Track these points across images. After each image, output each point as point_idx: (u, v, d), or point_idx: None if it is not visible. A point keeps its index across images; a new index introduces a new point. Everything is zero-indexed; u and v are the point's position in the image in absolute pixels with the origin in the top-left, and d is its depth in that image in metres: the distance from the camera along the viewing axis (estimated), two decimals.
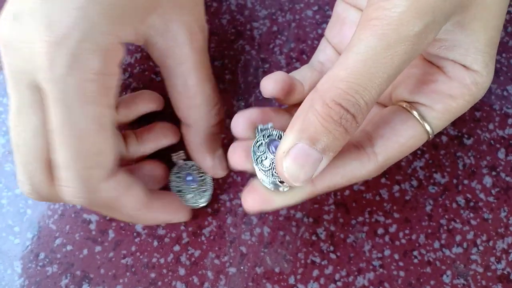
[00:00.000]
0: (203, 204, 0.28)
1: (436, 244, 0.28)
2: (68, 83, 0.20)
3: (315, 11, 0.32)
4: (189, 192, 0.28)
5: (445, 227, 0.28)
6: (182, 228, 0.28)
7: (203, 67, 0.26)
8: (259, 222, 0.28)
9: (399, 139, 0.22)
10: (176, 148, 0.28)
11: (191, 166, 0.29)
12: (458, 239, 0.28)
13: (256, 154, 0.22)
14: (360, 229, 0.28)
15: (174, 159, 0.29)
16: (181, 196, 0.28)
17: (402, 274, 0.27)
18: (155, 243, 0.28)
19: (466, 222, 0.28)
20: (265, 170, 0.22)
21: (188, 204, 0.28)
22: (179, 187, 0.28)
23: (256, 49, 0.32)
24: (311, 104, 0.19)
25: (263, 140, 0.23)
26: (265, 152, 0.22)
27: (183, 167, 0.29)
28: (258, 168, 0.22)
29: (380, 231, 0.28)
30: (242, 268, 0.28)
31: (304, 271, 0.28)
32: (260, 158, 0.22)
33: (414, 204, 0.29)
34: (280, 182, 0.22)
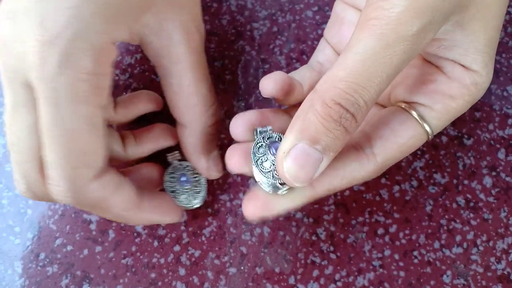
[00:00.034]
0: (197, 205, 0.28)
1: (436, 244, 0.28)
2: (59, 82, 0.20)
3: (315, 12, 0.32)
4: (182, 193, 0.28)
5: (445, 227, 0.28)
6: (183, 228, 0.28)
7: (199, 67, 0.25)
8: (259, 223, 0.28)
9: (398, 139, 0.22)
10: (172, 148, 0.28)
11: (185, 166, 0.28)
12: (458, 239, 0.28)
13: (256, 156, 0.22)
14: (360, 229, 0.28)
15: (169, 159, 0.28)
16: (174, 197, 0.28)
17: (402, 274, 0.27)
18: (156, 243, 0.28)
19: (466, 222, 0.28)
20: (265, 172, 0.22)
21: (181, 205, 0.28)
22: (173, 188, 0.28)
23: (256, 49, 0.32)
24: (310, 104, 0.19)
25: (263, 141, 0.22)
26: (265, 154, 0.22)
27: (178, 167, 0.28)
28: (258, 170, 0.22)
29: (380, 231, 0.28)
30: (242, 268, 0.28)
31: (304, 271, 0.28)
32: (260, 160, 0.22)
33: (414, 204, 0.29)
34: (280, 184, 0.22)
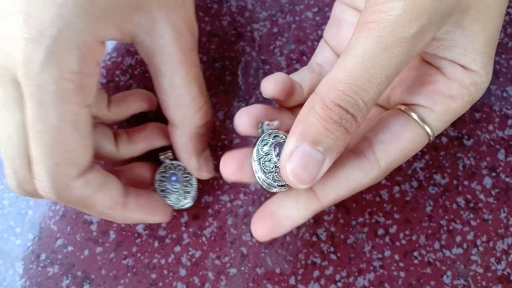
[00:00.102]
0: (187, 205, 0.28)
1: (436, 245, 0.28)
2: (43, 80, 0.20)
3: (315, 13, 0.32)
4: (172, 193, 0.28)
5: (445, 228, 0.28)
6: (183, 229, 0.29)
7: (190, 66, 0.25)
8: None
9: (400, 143, 0.22)
10: (166, 147, 0.28)
11: (177, 166, 0.28)
12: (458, 240, 0.28)
13: (259, 154, 0.22)
14: (361, 229, 0.28)
15: (161, 158, 0.28)
16: (165, 196, 0.28)
17: (403, 274, 0.27)
18: (156, 244, 0.28)
19: (466, 223, 0.28)
20: (266, 171, 0.22)
21: (171, 204, 0.28)
22: (163, 187, 0.28)
23: (256, 50, 0.32)
24: (311, 106, 0.19)
25: (269, 139, 0.22)
26: (269, 154, 0.22)
27: (169, 166, 0.28)
28: (260, 168, 0.22)
29: (380, 231, 0.28)
30: (242, 268, 0.28)
31: (305, 271, 0.28)
32: (264, 159, 0.22)
33: (414, 205, 0.29)
34: (280, 186, 0.22)
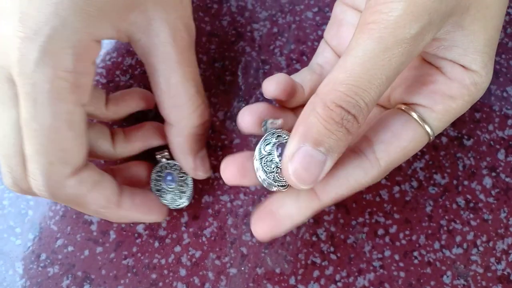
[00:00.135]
0: (183, 205, 0.28)
1: (436, 245, 0.28)
2: (37, 78, 0.20)
3: (315, 13, 0.32)
4: (168, 192, 0.28)
5: (445, 228, 0.28)
6: (183, 229, 0.29)
7: (187, 66, 0.25)
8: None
9: (401, 143, 0.22)
10: (162, 147, 0.28)
11: (173, 165, 0.28)
12: (458, 240, 0.28)
13: (261, 153, 0.22)
14: (361, 229, 0.28)
15: (157, 157, 0.28)
16: (160, 195, 0.28)
17: (403, 274, 0.27)
18: (156, 244, 0.28)
19: (466, 223, 0.28)
20: (267, 171, 0.22)
21: (167, 204, 0.28)
22: (159, 187, 0.28)
23: (256, 50, 0.32)
24: (312, 108, 0.19)
25: (272, 139, 0.22)
26: (271, 154, 0.22)
27: (165, 166, 0.28)
28: (261, 168, 0.22)
29: (380, 231, 0.28)
30: (242, 268, 0.28)
31: (305, 271, 0.28)
32: (265, 158, 0.22)
33: (414, 205, 0.29)
34: (280, 186, 0.22)
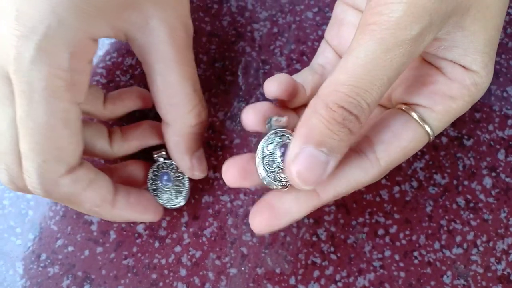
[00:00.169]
0: (179, 204, 0.28)
1: (436, 245, 0.28)
2: (33, 77, 0.20)
3: (315, 13, 0.32)
4: (164, 192, 0.28)
5: (445, 228, 0.28)
6: (183, 229, 0.29)
7: (184, 65, 0.25)
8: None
9: (401, 143, 0.22)
10: (160, 146, 0.28)
11: (169, 165, 0.28)
12: (458, 240, 0.28)
13: (263, 152, 0.22)
14: (361, 230, 0.28)
15: (155, 157, 0.28)
16: (156, 195, 0.28)
17: (403, 274, 0.27)
18: (156, 244, 0.28)
19: (466, 223, 0.28)
20: (268, 171, 0.22)
21: (163, 203, 0.28)
22: (155, 186, 0.28)
23: (256, 50, 0.32)
24: (314, 109, 0.19)
25: (275, 138, 0.22)
26: (273, 154, 0.22)
27: (162, 165, 0.28)
28: (263, 166, 0.22)
29: (380, 231, 0.28)
30: (243, 268, 0.28)
31: (305, 271, 0.28)
32: (267, 158, 0.22)
33: (414, 205, 0.29)
34: (281, 186, 0.22)
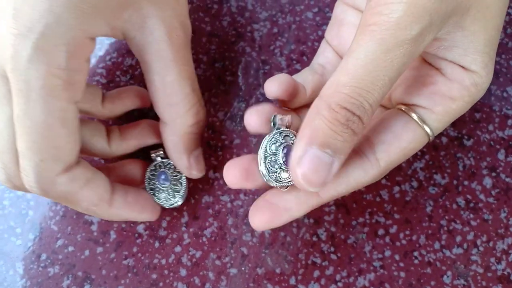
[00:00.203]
0: (177, 204, 0.28)
1: (437, 245, 0.28)
2: (30, 75, 0.20)
3: (315, 13, 0.32)
4: (161, 191, 0.28)
5: (445, 228, 0.28)
6: (184, 229, 0.29)
7: (182, 64, 0.25)
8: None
9: (401, 143, 0.22)
10: (158, 145, 0.28)
11: (167, 164, 0.28)
12: (458, 240, 0.28)
13: (266, 151, 0.22)
14: (361, 230, 0.28)
15: (152, 156, 0.28)
16: (154, 194, 0.28)
17: (403, 274, 0.27)
18: (157, 244, 0.28)
19: (466, 223, 0.28)
20: (270, 170, 0.22)
21: (160, 203, 0.27)
22: (152, 185, 0.28)
23: (256, 50, 0.32)
24: (317, 111, 0.19)
25: (279, 138, 0.22)
26: (276, 154, 0.22)
27: (160, 165, 0.28)
28: (265, 166, 0.22)
29: (380, 232, 0.28)
30: (243, 269, 0.28)
31: (305, 271, 0.28)
32: (270, 158, 0.22)
33: (415, 205, 0.29)
34: (281, 187, 0.22)
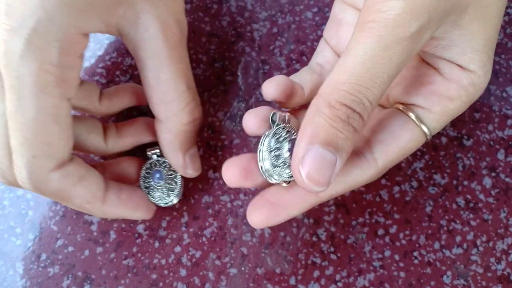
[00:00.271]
0: (171, 203, 0.28)
1: (436, 245, 0.28)
2: (22, 71, 0.20)
3: (315, 13, 0.32)
4: (156, 190, 0.28)
5: (445, 228, 0.28)
6: (183, 229, 0.29)
7: (177, 62, 0.25)
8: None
9: (398, 143, 0.22)
10: (154, 143, 0.28)
11: (162, 163, 0.28)
12: (458, 240, 0.28)
13: (270, 145, 0.22)
14: (361, 230, 0.28)
15: (148, 154, 0.28)
16: (148, 193, 0.27)
17: (403, 274, 0.27)
18: (156, 244, 0.28)
19: (466, 223, 0.28)
20: (274, 165, 0.22)
21: (155, 201, 0.27)
22: (147, 184, 0.28)
23: (256, 50, 0.32)
24: (317, 109, 0.19)
25: (283, 133, 0.22)
26: (280, 148, 0.22)
27: (155, 163, 0.28)
28: (269, 160, 0.22)
29: (380, 232, 0.28)
30: (243, 269, 0.28)
31: (305, 271, 0.28)
32: (274, 152, 0.22)
33: (414, 205, 0.29)
34: (283, 181, 0.22)
